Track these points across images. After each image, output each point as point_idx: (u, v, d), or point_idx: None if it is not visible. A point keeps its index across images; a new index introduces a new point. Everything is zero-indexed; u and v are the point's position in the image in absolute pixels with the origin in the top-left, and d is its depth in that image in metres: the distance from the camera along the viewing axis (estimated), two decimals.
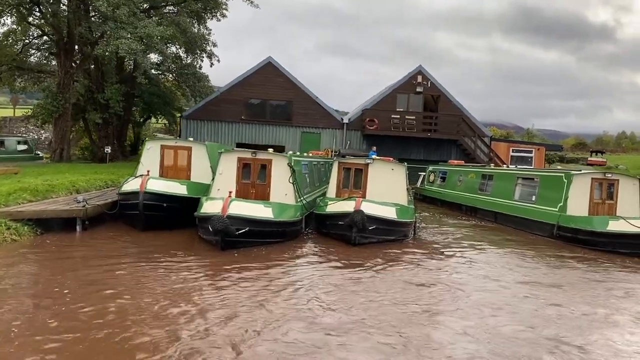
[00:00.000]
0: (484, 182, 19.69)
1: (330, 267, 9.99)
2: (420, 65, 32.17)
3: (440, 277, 9.63)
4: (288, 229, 12.04)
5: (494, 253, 12.48)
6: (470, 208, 19.95)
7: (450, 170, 23.64)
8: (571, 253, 12.61)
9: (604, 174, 14.93)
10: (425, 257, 11.46)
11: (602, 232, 13.00)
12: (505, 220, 17.12)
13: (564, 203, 14.50)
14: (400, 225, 13.09)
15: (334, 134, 31.77)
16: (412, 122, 31.06)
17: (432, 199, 24.08)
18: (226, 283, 8.28)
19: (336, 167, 14.65)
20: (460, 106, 31.93)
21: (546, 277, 10.11)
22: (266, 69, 31.44)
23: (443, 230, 15.68)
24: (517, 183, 17.37)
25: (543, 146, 35.25)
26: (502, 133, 55.60)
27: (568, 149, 65.88)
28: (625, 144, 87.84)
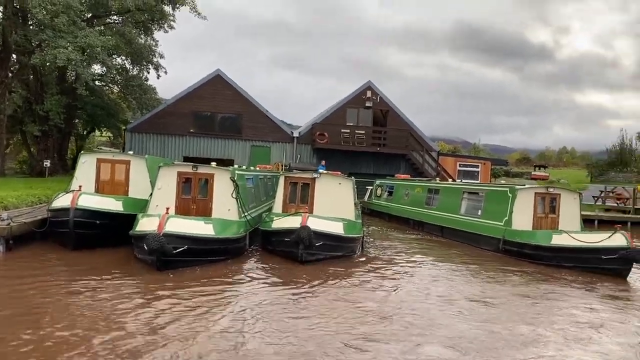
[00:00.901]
0: (431, 197, 19.79)
1: (273, 288, 9.55)
2: (369, 81, 32.38)
3: (384, 296, 9.35)
4: (230, 247, 11.53)
5: (439, 268, 12.38)
6: (417, 222, 19.98)
7: (397, 185, 23.71)
8: (515, 267, 12.67)
9: (547, 188, 15.21)
10: (371, 274, 11.20)
11: (546, 247, 13.15)
12: (452, 234, 17.18)
13: (509, 217, 14.65)
14: (348, 241, 12.82)
15: (284, 148, 31.42)
16: (362, 136, 31.11)
17: (379, 213, 24.04)
18: (157, 308, 7.68)
19: (282, 181, 14.28)
20: (409, 121, 32.28)
21: (487, 293, 9.99)
22: (215, 81, 30.84)
23: (390, 245, 15.53)
24: (463, 197, 17.51)
25: (489, 161, 36.12)
26: (450, 148, 56.85)
27: (513, 164, 68.11)
28: (566, 158, 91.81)
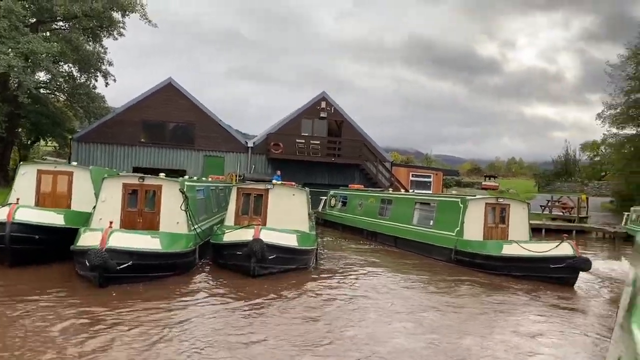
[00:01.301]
0: (384, 207, 19.88)
1: (223, 305, 9.22)
2: (323, 92, 32.47)
3: (335, 310, 9.18)
4: (179, 261, 11.11)
5: (391, 280, 12.34)
6: (371, 233, 20.01)
7: (351, 195, 23.74)
8: (466, 278, 12.79)
9: (497, 199, 15.50)
10: (324, 287, 11.03)
11: (497, 256, 13.35)
12: (405, 244, 17.26)
13: (460, 228, 14.82)
14: (302, 253, 12.61)
15: (239, 158, 31.01)
16: (317, 146, 31.12)
17: (333, 224, 23.98)
18: (94, 329, 7.23)
19: (235, 192, 13.96)
20: (363, 132, 32.53)
21: (435, 305, 9.96)
22: (167, 90, 30.17)
23: (344, 257, 15.43)
24: (416, 208, 17.65)
25: (441, 171, 36.80)
26: (403, 158, 57.72)
27: (464, 174, 69.74)
28: (514, 169, 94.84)
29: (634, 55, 34.59)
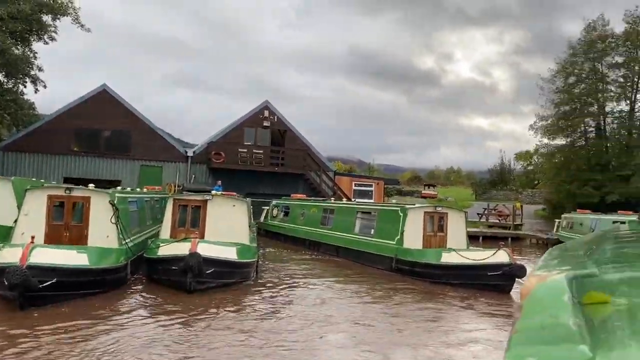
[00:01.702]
0: (326, 216, 19.79)
1: (156, 322, 8.74)
2: (266, 101, 32.19)
3: (271, 324, 8.93)
4: (109, 278, 10.48)
5: (331, 290, 12.20)
6: (313, 242, 19.85)
7: (293, 205, 23.52)
8: (406, 286, 12.84)
9: (435, 207, 15.73)
10: (263, 300, 10.75)
11: (436, 265, 13.49)
12: (347, 254, 17.21)
13: (400, 236, 14.91)
14: (241, 266, 12.24)
15: (178, 168, 30.11)
16: (260, 156, 30.73)
17: (275, 234, 23.65)
18: (9, 353, 6.64)
19: (171, 204, 13.43)
20: (307, 141, 32.47)
21: (373, 315, 9.91)
22: (101, 96, 28.91)
23: (285, 268, 15.18)
24: (357, 217, 17.67)
25: (382, 180, 37.24)
26: (347, 168, 58.19)
27: (405, 183, 71.07)
28: (453, 177, 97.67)
29: (562, 69, 36.43)
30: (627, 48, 34.68)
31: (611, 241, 2.32)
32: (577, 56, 35.96)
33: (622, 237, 2.74)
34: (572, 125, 36.18)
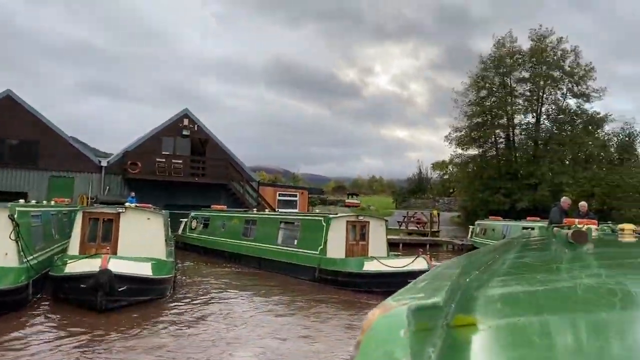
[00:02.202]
0: (248, 227, 19.39)
1: (61, 345, 8.06)
2: (186, 109, 31.33)
3: (184, 342, 8.50)
4: (7, 299, 9.57)
5: (250, 304, 11.91)
6: (235, 255, 19.37)
7: (213, 216, 22.89)
8: (328, 296, 12.78)
9: (357, 216, 15.90)
10: (178, 317, 10.24)
11: (358, 273, 13.57)
12: (270, 265, 16.94)
13: (323, 246, 14.88)
14: (157, 282, 11.64)
15: (90, 179, 28.50)
16: (180, 166, 29.77)
17: (195, 247, 22.87)
18: None
19: (80, 217, 12.59)
20: (229, 151, 31.91)
21: (290, 328, 9.71)
22: (5, 103, 26.86)
23: (204, 282, 14.65)
24: (280, 227, 17.46)
25: (306, 190, 37.32)
26: (271, 178, 57.87)
27: (329, 192, 71.78)
28: (375, 186, 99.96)
29: (475, 83, 38.37)
30: (533, 64, 37.15)
31: (515, 249, 2.35)
32: (488, 71, 38.03)
33: (528, 244, 2.80)
34: (484, 136, 38.14)
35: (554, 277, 1.40)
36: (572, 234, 1.81)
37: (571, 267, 1.60)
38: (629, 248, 2.19)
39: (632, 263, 1.66)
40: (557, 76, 36.58)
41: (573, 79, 36.24)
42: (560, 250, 2.02)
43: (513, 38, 37.83)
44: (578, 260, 1.76)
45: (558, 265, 1.71)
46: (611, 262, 1.76)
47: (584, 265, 1.66)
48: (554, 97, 37.68)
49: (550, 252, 2.15)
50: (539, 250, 2.40)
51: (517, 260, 1.85)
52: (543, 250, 2.36)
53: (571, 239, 1.86)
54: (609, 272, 1.41)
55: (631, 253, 1.97)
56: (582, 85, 36.24)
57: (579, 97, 36.75)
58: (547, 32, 36.83)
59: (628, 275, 1.31)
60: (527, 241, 3.34)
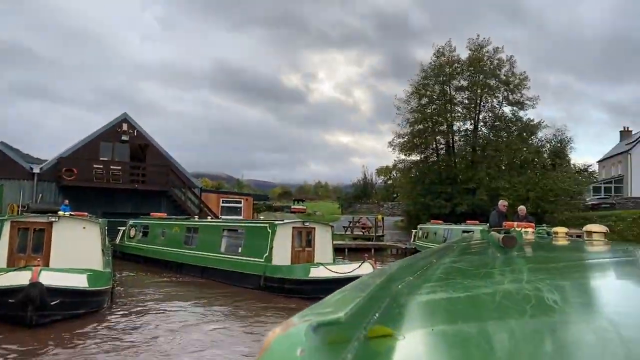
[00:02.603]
0: (189, 235, 18.84)
1: None
2: (125, 113, 30.28)
3: (119, 357, 8.15)
4: None
5: (191, 314, 11.54)
6: (176, 264, 18.79)
7: (153, 224, 22.13)
8: (273, 304, 12.63)
9: (303, 222, 15.80)
10: (115, 331, 9.80)
11: (304, 280, 13.46)
12: (213, 274, 16.53)
13: (269, 253, 14.68)
14: (93, 295, 11.09)
15: (22, 186, 26.98)
16: (118, 172, 28.70)
17: (134, 256, 22.02)
18: None
19: (8, 227, 11.84)
20: (170, 157, 31.09)
21: (230, 338, 9.53)
22: None
23: (144, 293, 14.10)
24: (223, 235, 17.08)
25: (251, 196, 36.91)
26: (215, 184, 56.92)
27: (275, 198, 71.47)
28: (321, 192, 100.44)
29: (416, 91, 39.29)
30: (471, 73, 38.47)
31: (452, 254, 2.37)
32: (428, 79, 39.04)
33: (465, 248, 2.83)
34: (426, 142, 39.08)
35: (480, 283, 1.43)
36: (502, 238, 1.84)
37: (498, 273, 1.63)
38: (557, 252, 2.23)
39: (555, 268, 1.69)
40: (493, 85, 38.03)
41: (508, 88, 37.78)
42: (493, 255, 2.05)
43: (452, 47, 39.07)
44: (506, 266, 1.79)
45: (487, 270, 1.74)
46: (537, 267, 1.79)
47: (510, 271, 1.69)
48: (491, 104, 39.16)
49: (483, 257, 2.19)
50: (474, 255, 2.44)
51: (451, 265, 1.87)
52: (478, 255, 2.40)
53: (502, 243, 1.89)
54: (532, 277, 1.43)
55: (558, 257, 2.01)
56: (517, 94, 37.84)
57: (514, 105, 38.34)
58: (484, 42, 38.30)
59: (547, 281, 1.33)
60: (465, 245, 3.40)
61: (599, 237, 2.70)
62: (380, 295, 1.10)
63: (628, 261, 1.88)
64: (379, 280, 1.26)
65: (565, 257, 2.11)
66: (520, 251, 1.96)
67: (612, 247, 2.41)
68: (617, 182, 52.91)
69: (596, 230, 2.72)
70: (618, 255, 2.08)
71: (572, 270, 1.65)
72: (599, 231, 2.71)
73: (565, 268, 1.70)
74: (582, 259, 2.04)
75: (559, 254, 2.23)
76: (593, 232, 2.72)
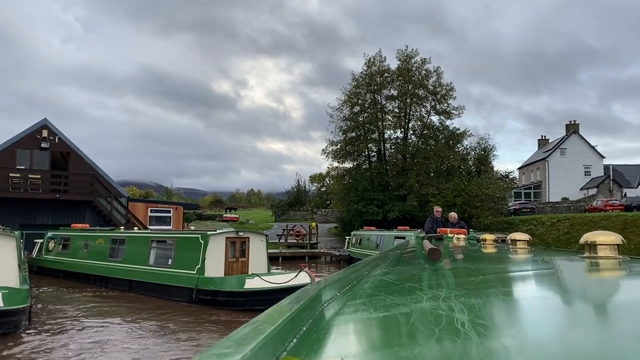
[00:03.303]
0: (115, 248, 17.89)
1: None
2: (45, 119, 28.57)
3: None
4: None
5: (118, 331, 10.96)
6: (101, 278, 17.82)
7: (74, 236, 20.84)
8: (206, 318, 12.22)
9: (237, 232, 15.44)
10: (33, 351, 9.12)
11: (239, 292, 13.13)
12: (141, 288, 15.81)
13: (201, 265, 14.20)
14: (8, 314, 10.27)
15: None
16: (37, 181, 26.97)
17: (52, 271, 20.63)
18: None
19: None
20: (95, 164, 29.62)
21: (165, 352, 9.21)
22: None
23: (65, 309, 13.23)
24: (152, 247, 16.37)
25: (181, 205, 35.86)
26: (142, 193, 54.85)
27: (206, 207, 69.94)
28: (254, 199, 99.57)
29: (349, 99, 39.85)
30: (400, 82, 39.52)
31: (384, 265, 2.34)
32: (360, 88, 39.73)
33: (396, 259, 2.81)
34: (358, 149, 39.68)
35: (400, 300, 1.43)
36: (428, 251, 1.84)
37: (419, 289, 1.63)
38: (482, 263, 2.25)
39: (475, 283, 1.68)
40: (422, 94, 39.26)
41: (436, 98, 39.14)
42: (420, 267, 2.06)
43: (382, 57, 39.99)
44: (430, 280, 1.79)
45: (411, 285, 1.74)
46: (459, 282, 1.80)
47: (432, 286, 1.69)
48: (420, 113, 40.37)
49: (412, 268, 2.23)
50: (405, 265, 2.47)
51: (380, 278, 1.86)
52: (407, 266, 2.43)
53: (427, 256, 1.89)
54: (451, 293, 1.43)
55: (481, 270, 2.02)
56: (444, 104, 39.26)
57: (441, 115, 39.74)
58: (413, 53, 39.49)
59: (465, 299, 1.34)
60: (399, 255, 3.40)
61: (522, 244, 2.77)
62: (301, 318, 1.09)
63: (549, 273, 1.90)
64: (304, 300, 1.23)
65: (488, 270, 2.11)
66: (447, 263, 1.97)
67: (534, 256, 2.46)
68: (536, 188, 56.15)
69: (519, 238, 2.78)
70: (539, 267, 2.11)
71: (492, 285, 1.65)
72: (522, 239, 2.77)
73: (485, 283, 1.70)
74: (504, 271, 2.06)
75: (483, 265, 2.25)
76: (517, 240, 2.78)
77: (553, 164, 54.89)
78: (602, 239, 1.65)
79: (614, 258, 1.62)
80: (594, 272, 1.55)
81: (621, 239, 1.67)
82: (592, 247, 1.68)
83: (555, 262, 2.01)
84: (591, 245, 1.68)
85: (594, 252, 1.67)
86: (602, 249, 1.65)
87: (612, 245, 1.64)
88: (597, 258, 1.64)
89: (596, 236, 1.67)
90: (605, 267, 1.55)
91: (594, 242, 1.68)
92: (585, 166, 54.73)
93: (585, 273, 1.59)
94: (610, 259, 1.61)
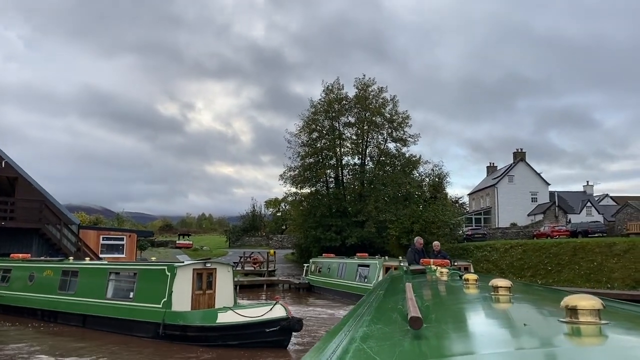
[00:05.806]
0: (67, 280, 16.79)
1: None
2: None
3: None
4: None
5: None
6: (49, 312, 16.70)
7: (15, 267, 19.49)
8: (175, 355, 11.66)
9: (204, 263, 14.91)
10: None
11: (211, 327, 12.60)
12: (98, 323, 14.91)
13: (168, 298, 13.55)
14: None
15: None
16: None
17: None
18: None
19: None
20: (43, 190, 28.16)
21: None
22: None
23: (5, 348, 12.22)
24: (110, 279, 15.52)
25: (134, 233, 34.61)
26: (92, 219, 52.65)
27: (156, 232, 67.85)
28: (205, 224, 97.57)
29: (307, 125, 40.00)
30: (358, 110, 40.08)
31: (369, 318, 2.23)
32: (318, 114, 39.99)
33: (380, 312, 2.57)
34: (317, 175, 39.70)
35: None
36: (409, 319, 1.72)
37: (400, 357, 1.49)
38: (461, 330, 2.10)
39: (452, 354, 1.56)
40: (379, 122, 39.91)
41: (392, 125, 39.88)
42: (401, 332, 1.87)
43: (340, 85, 40.52)
44: (411, 346, 1.63)
45: (392, 349, 1.58)
46: (438, 353, 1.65)
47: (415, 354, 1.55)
48: (377, 140, 40.98)
49: (392, 333, 1.98)
50: (385, 324, 2.21)
51: (360, 345, 1.67)
52: (388, 325, 2.18)
53: (409, 324, 1.76)
54: None
55: (460, 338, 1.86)
56: (400, 131, 40.04)
57: (397, 142, 40.48)
58: (370, 81, 40.23)
59: None
60: (381, 299, 3.20)
61: (504, 291, 2.67)
62: None
63: None
64: None
65: (468, 335, 1.97)
66: (429, 332, 1.80)
67: (516, 315, 2.31)
68: (486, 213, 57.80)
69: (502, 285, 2.70)
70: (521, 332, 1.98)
71: None
72: (505, 286, 2.69)
73: None
74: None
75: (462, 333, 2.05)
76: (499, 287, 2.69)
77: (502, 190, 56.78)
78: (583, 304, 1.63)
79: (595, 324, 1.60)
80: (576, 339, 1.52)
81: (601, 303, 1.65)
82: (573, 311, 1.65)
83: (535, 329, 1.90)
84: (572, 310, 1.65)
85: (575, 317, 1.64)
86: (583, 314, 1.62)
87: (593, 310, 1.63)
88: (579, 323, 1.61)
89: (577, 300, 1.65)
90: (587, 333, 1.54)
91: (575, 307, 1.65)
92: (532, 192, 56.91)
93: (570, 341, 1.56)
94: (591, 324, 1.59)
